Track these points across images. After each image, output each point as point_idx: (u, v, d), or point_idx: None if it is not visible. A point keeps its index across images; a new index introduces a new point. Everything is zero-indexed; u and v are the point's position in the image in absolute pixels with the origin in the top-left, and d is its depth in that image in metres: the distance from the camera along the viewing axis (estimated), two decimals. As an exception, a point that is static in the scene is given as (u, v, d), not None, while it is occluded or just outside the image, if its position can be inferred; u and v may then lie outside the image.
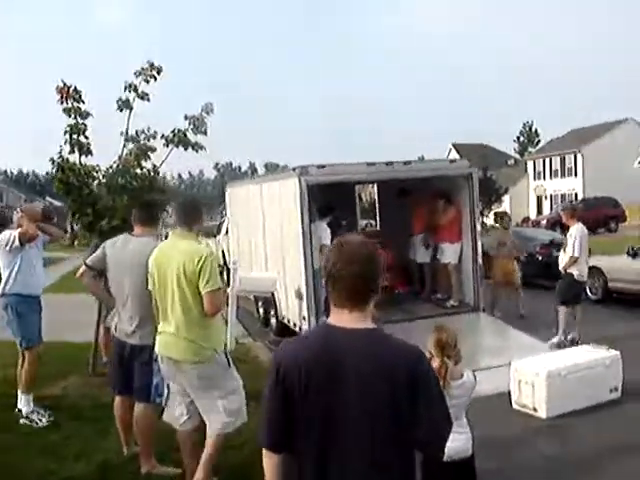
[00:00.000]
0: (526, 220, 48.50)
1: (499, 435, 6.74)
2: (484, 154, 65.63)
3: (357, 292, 2.50)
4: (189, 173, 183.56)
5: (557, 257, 11.35)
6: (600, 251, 18.79)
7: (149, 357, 5.35)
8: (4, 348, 8.89)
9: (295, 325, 10.85)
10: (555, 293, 10.97)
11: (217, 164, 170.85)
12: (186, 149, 8.32)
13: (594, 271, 14.78)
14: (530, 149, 79.54)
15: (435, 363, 4.13)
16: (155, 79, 8.18)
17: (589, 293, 14.86)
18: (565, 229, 11.24)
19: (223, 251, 20.62)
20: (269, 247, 12.13)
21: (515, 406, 7.36)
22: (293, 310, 10.98)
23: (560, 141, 62.52)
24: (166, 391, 5.30)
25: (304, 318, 10.39)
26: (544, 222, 37.34)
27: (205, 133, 8.37)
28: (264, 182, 12.44)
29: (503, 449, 6.42)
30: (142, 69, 8.13)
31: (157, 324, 5.20)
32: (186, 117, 8.32)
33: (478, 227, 11.20)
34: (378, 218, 15.85)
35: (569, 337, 10.42)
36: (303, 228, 10.13)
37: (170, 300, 4.98)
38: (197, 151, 8.41)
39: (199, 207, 5.36)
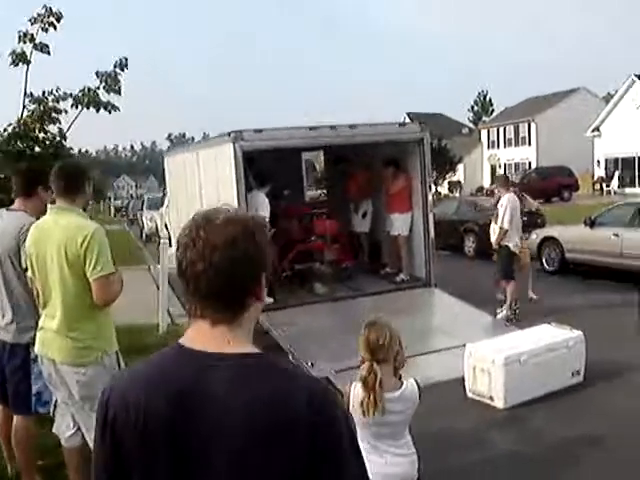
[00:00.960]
0: (481, 189, 48.17)
1: (453, 429, 6.02)
2: (438, 123, 65.23)
3: (220, 294, 1.58)
4: (141, 144, 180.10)
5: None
6: (555, 221, 18.37)
7: (25, 358, 4.40)
8: None
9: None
10: (495, 269, 10.36)
11: (170, 135, 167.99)
12: (98, 110, 7.29)
13: (550, 242, 14.26)
14: (485, 118, 79.17)
15: (363, 371, 3.30)
16: (55, 27, 7.09)
17: (545, 264, 14.33)
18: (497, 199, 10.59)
19: (167, 225, 19.62)
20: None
21: (470, 394, 6.61)
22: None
23: (514, 110, 62.15)
24: (54, 398, 4.36)
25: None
26: (497, 191, 36.85)
27: (119, 92, 7.36)
28: (200, 149, 11.45)
29: (457, 446, 5.67)
30: (38, 15, 7.01)
31: (38, 317, 4.21)
32: (97, 74, 7.29)
33: (430, 196, 10.41)
34: (326, 187, 14.99)
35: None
36: (238, 198, 9.22)
37: (52, 288, 3.99)
38: (110, 112, 7.39)
39: (82, 173, 4.25)
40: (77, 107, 7.23)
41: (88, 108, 7.23)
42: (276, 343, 8.30)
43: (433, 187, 54.15)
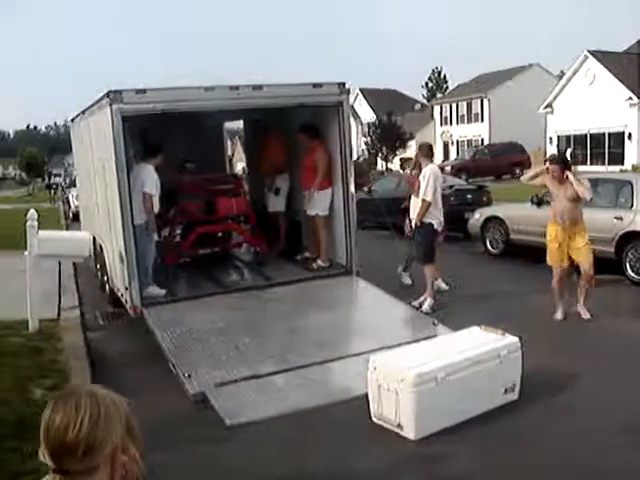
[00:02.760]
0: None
1: (345, 472, 4.58)
2: (391, 99, 63.94)
3: None
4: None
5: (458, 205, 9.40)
6: (503, 199, 17.18)
7: None
8: None
9: (122, 296, 8.42)
10: (414, 251, 9.15)
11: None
12: None
13: (494, 221, 13.00)
14: (439, 95, 77.95)
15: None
16: None
17: (489, 246, 13.07)
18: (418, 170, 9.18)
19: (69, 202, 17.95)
20: (99, 198, 9.58)
21: (375, 419, 5.18)
22: (118, 277, 8.54)
23: (467, 86, 61.05)
24: None
25: (126, 288, 7.97)
26: (448, 168, 35.52)
27: None
28: (92, 114, 9.77)
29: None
30: None
31: None
32: None
33: (351, 169, 8.94)
34: (246, 160, 13.49)
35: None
36: (117, 172, 7.70)
37: None
38: None
39: None
40: None
41: None
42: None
43: (382, 163, 53.25)
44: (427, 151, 9.16)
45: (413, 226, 8.91)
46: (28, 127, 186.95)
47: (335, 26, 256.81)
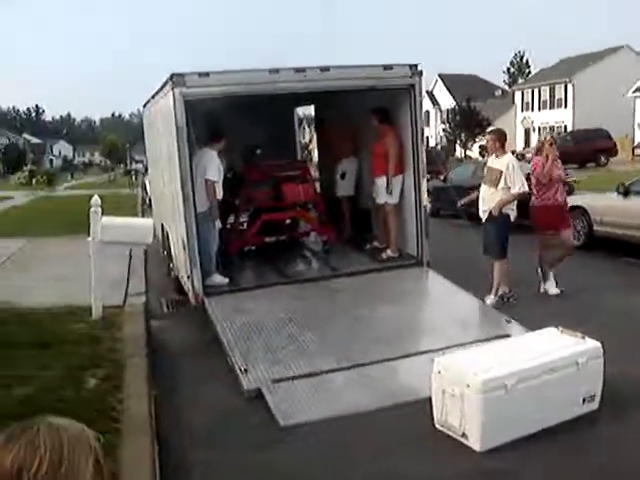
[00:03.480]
0: (512, 153, 45.67)
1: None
2: (471, 85, 62.53)
3: None
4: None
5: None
6: (586, 188, 16.35)
7: None
8: None
9: (185, 283, 8.28)
10: (486, 245, 8.45)
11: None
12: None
13: (576, 212, 12.26)
14: (520, 80, 75.79)
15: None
16: None
17: (570, 238, 12.37)
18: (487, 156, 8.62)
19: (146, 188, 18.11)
20: (166, 184, 9.46)
21: (438, 426, 4.80)
22: (181, 264, 8.40)
23: (550, 71, 59.05)
24: None
25: (188, 276, 7.81)
26: (529, 155, 34.33)
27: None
28: (159, 99, 9.61)
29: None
30: None
31: None
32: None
33: (423, 156, 8.50)
34: (316, 145, 13.19)
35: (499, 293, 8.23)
36: (180, 157, 7.53)
37: None
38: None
39: None
40: None
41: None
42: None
43: (460, 150, 52.12)
44: (499, 138, 8.64)
45: (484, 217, 8.38)
46: (113, 115, 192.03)
47: (411, 9, 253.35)
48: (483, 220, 8.41)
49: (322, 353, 6.18)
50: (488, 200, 8.26)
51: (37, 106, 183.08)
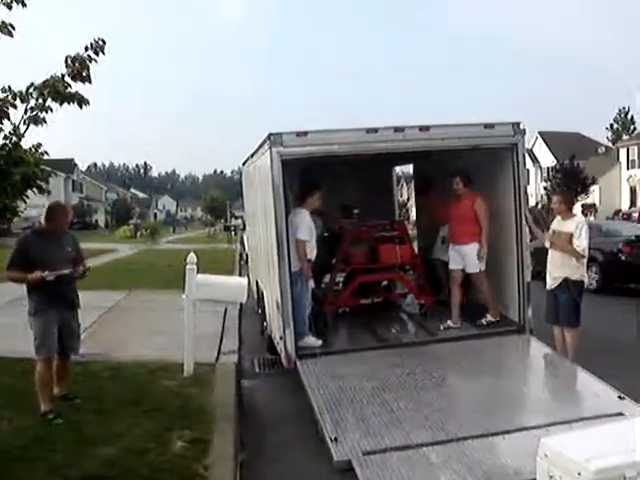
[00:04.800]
0: (618, 212, 44.01)
1: None
2: (573, 142, 61.06)
3: None
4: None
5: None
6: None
7: None
8: None
9: (278, 344, 8.14)
10: (552, 312, 8.03)
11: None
12: (62, 104, 5.73)
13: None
14: (625, 137, 73.51)
15: None
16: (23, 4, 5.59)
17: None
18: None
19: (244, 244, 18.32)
20: (262, 242, 9.46)
21: (546, 514, 4.37)
22: (275, 324, 8.30)
23: (659, 127, 57.14)
24: None
25: (281, 337, 7.67)
26: (635, 215, 32.94)
27: (88, 79, 5.75)
28: (257, 158, 9.70)
29: None
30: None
31: None
32: (67, 60, 5.72)
33: (524, 217, 8.14)
34: (414, 205, 12.99)
35: None
36: (276, 216, 7.48)
37: None
38: (81, 106, 5.80)
39: None
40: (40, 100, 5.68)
41: (44, 102, 5.66)
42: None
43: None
44: (570, 199, 8.24)
45: (553, 284, 7.91)
46: (215, 172, 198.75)
47: (508, 68, 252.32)
48: (550, 287, 7.99)
49: (417, 424, 5.84)
50: (558, 266, 7.82)
51: (145, 163, 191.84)
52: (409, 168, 14.75)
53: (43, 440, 5.63)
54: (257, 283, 10.62)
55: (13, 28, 5.68)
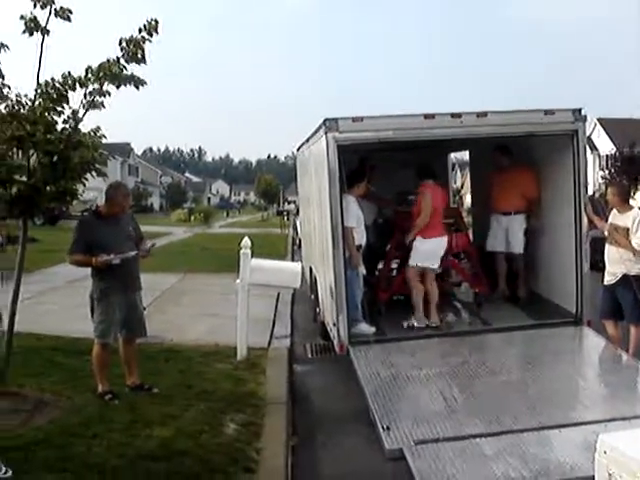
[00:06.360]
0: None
1: None
2: (632, 128, 59.29)
3: None
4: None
5: None
6: None
7: None
8: None
9: (331, 330, 8.15)
10: (607, 309, 7.77)
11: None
12: (119, 87, 5.78)
13: None
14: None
15: None
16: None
17: None
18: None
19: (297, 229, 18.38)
20: (316, 228, 9.47)
21: (603, 512, 4.27)
22: (328, 310, 8.31)
23: None
24: None
25: (334, 325, 7.68)
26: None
27: (143, 60, 5.79)
28: (312, 143, 9.67)
29: None
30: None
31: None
32: (121, 42, 5.77)
33: (588, 208, 7.95)
34: (470, 192, 12.80)
35: None
36: (331, 203, 7.47)
37: None
38: (138, 87, 5.85)
39: None
40: (88, 86, 5.74)
41: (102, 86, 5.72)
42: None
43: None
44: (625, 191, 7.97)
45: (611, 280, 7.66)
46: (269, 156, 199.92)
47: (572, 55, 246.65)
48: (608, 282, 7.69)
49: (470, 414, 5.78)
50: (616, 261, 7.55)
51: (200, 148, 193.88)
52: (462, 155, 14.60)
53: (101, 419, 5.76)
54: (310, 269, 10.63)
55: (71, 12, 5.74)
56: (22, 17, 5.63)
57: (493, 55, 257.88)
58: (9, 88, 5.73)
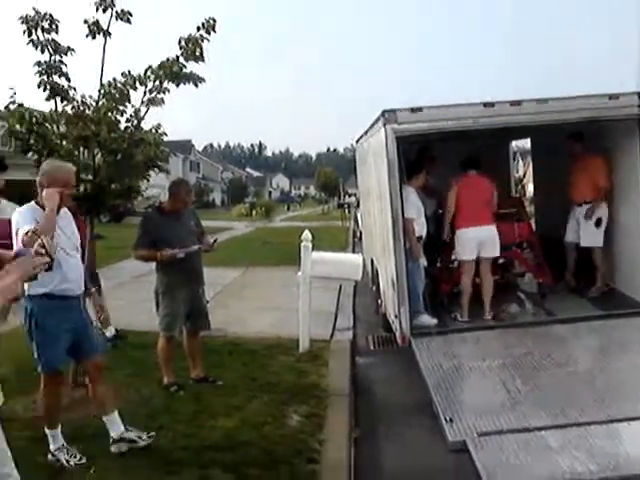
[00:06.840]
0: None
1: None
2: None
3: None
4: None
5: None
6: None
7: None
8: None
9: (393, 322, 8.14)
10: None
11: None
12: (178, 85, 5.90)
13: None
14: None
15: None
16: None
17: None
18: None
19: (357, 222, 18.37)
20: (377, 220, 9.46)
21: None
22: (389, 302, 8.30)
23: None
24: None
25: (396, 316, 7.67)
26: None
27: (201, 58, 5.89)
28: (371, 135, 9.65)
29: None
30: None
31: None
32: (180, 41, 5.89)
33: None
34: (532, 182, 12.57)
35: None
36: (391, 194, 7.46)
37: None
38: (197, 85, 5.95)
39: None
40: (157, 82, 5.87)
41: (161, 84, 5.84)
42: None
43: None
44: None
45: None
46: (328, 149, 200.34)
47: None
48: None
49: (534, 406, 5.69)
50: None
51: (260, 142, 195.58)
52: (524, 143, 14.34)
53: (167, 410, 5.90)
54: (372, 261, 10.62)
55: (131, 15, 5.88)
56: (85, 21, 5.80)
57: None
58: (74, 90, 5.92)
